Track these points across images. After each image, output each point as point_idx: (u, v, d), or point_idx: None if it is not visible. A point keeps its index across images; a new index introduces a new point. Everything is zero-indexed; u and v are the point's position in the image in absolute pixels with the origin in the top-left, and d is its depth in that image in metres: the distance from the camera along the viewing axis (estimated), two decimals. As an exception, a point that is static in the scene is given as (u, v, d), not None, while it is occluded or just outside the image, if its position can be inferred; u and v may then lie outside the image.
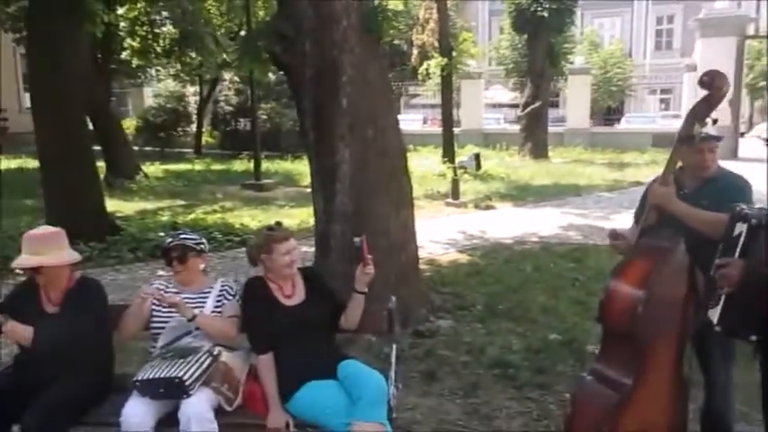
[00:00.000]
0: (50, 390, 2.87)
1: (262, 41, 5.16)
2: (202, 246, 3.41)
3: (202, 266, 3.43)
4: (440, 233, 8.95)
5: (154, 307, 3.17)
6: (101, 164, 14.43)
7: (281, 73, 5.88)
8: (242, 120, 22.71)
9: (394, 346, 3.33)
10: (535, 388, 4.04)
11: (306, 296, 3.20)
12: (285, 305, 3.12)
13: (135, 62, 22.18)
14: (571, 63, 24.71)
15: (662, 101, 38.04)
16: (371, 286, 3.23)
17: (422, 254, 7.31)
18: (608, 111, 35.00)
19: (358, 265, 3.15)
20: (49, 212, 7.77)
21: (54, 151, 7.81)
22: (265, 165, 17.02)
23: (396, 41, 26.74)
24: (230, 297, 3.29)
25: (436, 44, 17.85)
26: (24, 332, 2.89)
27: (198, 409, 2.81)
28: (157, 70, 26.64)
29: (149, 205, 11.82)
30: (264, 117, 21.21)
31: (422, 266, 6.66)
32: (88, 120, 13.73)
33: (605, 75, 33.45)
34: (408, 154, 6.06)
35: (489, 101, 29.16)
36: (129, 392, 2.92)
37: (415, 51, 19.84)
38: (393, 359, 3.24)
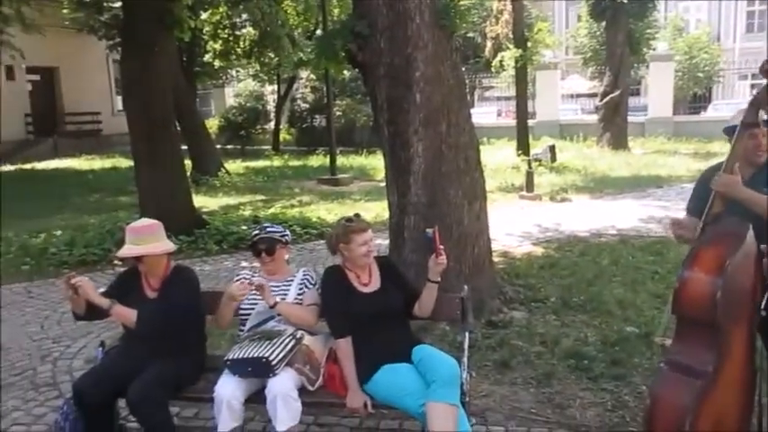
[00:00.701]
0: (151, 366, 3.16)
1: (337, 40, 5.35)
2: (287, 237, 3.64)
3: (287, 257, 3.66)
4: (514, 226, 8.92)
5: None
6: (187, 162, 15.25)
7: (356, 70, 6.05)
8: (318, 116, 23.24)
9: (467, 334, 3.44)
10: (610, 380, 4.04)
11: (381, 284, 3.35)
12: (362, 292, 3.29)
13: (217, 64, 23.15)
14: (653, 49, 23.75)
15: (753, 86, 35.98)
16: (444, 276, 3.36)
17: (496, 246, 7.35)
18: (694, 98, 33.39)
19: (430, 255, 3.27)
20: (143, 208, 8.30)
21: (146, 151, 8.34)
22: (340, 160, 17.37)
23: (469, 34, 26.56)
24: (311, 286, 3.49)
25: (510, 35, 17.63)
26: (128, 314, 3.21)
27: (283, 387, 3.02)
28: (238, 71, 27.69)
29: (232, 200, 12.36)
30: (339, 113, 21.63)
31: (495, 259, 6.70)
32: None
33: (691, 61, 31.90)
34: (482, 147, 6.11)
35: (566, 91, 28.46)
36: (220, 371, 3.18)
37: (488, 44, 19.63)
38: (465, 346, 3.35)
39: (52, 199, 12.68)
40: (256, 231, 3.62)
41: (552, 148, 15.29)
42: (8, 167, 19.35)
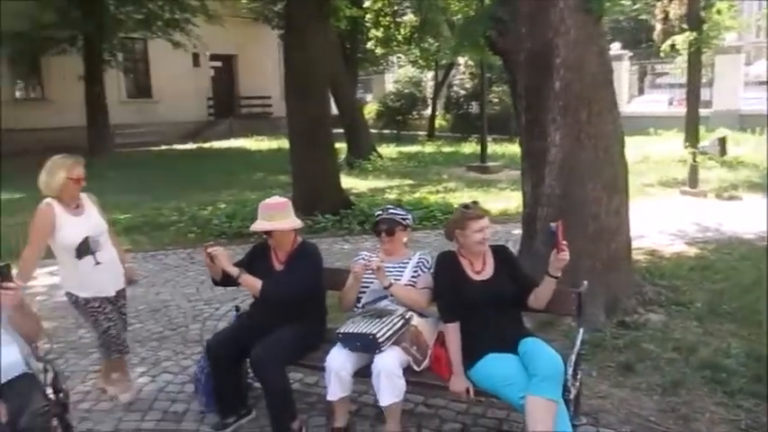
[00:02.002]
0: (273, 332, 3.43)
1: (478, 27, 5.31)
2: (408, 221, 3.73)
3: (405, 239, 3.75)
4: (669, 223, 8.30)
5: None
6: (342, 145, 15.97)
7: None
8: (473, 103, 23.09)
9: (581, 330, 3.33)
10: (749, 396, 3.68)
11: (495, 273, 3.34)
12: (473, 280, 3.30)
13: (378, 51, 23.86)
14: None
15: None
16: (575, 271, 3.24)
17: (643, 243, 6.94)
18: None
19: (553, 249, 3.19)
20: (295, 187, 8.88)
21: (301, 133, 8.89)
22: (493, 148, 17.18)
23: (642, 16, 24.80)
24: (426, 270, 3.56)
25: (684, 17, 16.20)
26: (254, 283, 3.50)
27: (388, 364, 3.14)
28: (398, 57, 28.29)
29: (381, 183, 12.75)
30: (496, 100, 21.34)
31: (640, 256, 6.32)
32: (333, 104, 15.24)
33: None
34: (647, 138, 5.75)
35: (751, 78, 25.58)
36: (333, 343, 3.37)
37: (657, 26, 18.13)
38: (578, 342, 3.24)
39: (223, 175, 13.95)
40: (379, 212, 3.76)
41: (722, 141, 13.87)
42: (191, 145, 21.55)
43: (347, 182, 12.25)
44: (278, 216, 3.57)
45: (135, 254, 7.35)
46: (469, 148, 18.87)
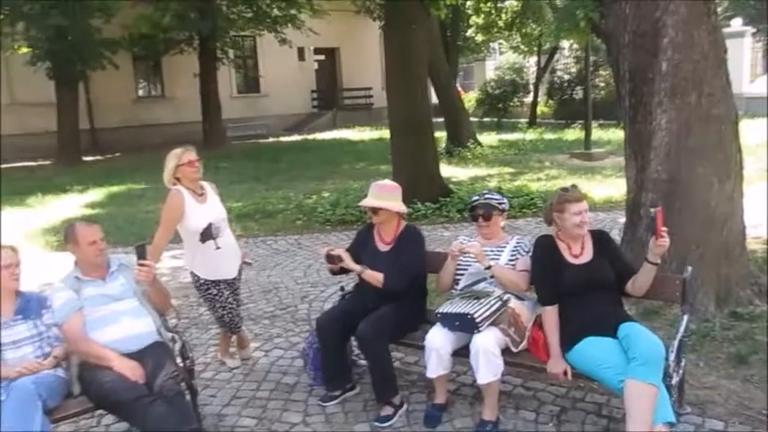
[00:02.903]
0: (377, 311, 3.61)
1: (579, 9, 5.23)
2: (504, 206, 3.80)
3: (502, 224, 3.82)
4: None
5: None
6: (442, 133, 16.02)
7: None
8: (578, 88, 22.36)
9: (685, 318, 3.27)
10: None
11: (593, 257, 3.34)
12: (571, 263, 3.32)
13: (479, 38, 23.60)
14: None
15: None
16: (684, 257, 3.18)
17: (761, 232, 6.53)
18: None
19: (653, 235, 3.16)
20: (395, 175, 9.03)
21: (401, 123, 9.06)
22: (598, 134, 16.62)
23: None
24: (524, 253, 3.62)
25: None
26: (377, 276, 3.69)
27: (486, 344, 3.23)
28: (500, 43, 27.84)
29: (480, 172, 12.72)
30: (602, 84, 20.57)
31: (756, 246, 5.98)
32: (433, 93, 15.32)
33: None
34: None
35: None
36: (433, 323, 3.50)
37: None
38: (681, 329, 3.19)
39: (327, 165, 14.43)
40: (476, 197, 3.85)
41: None
42: (296, 137, 22.37)
43: (447, 170, 12.33)
44: (387, 197, 3.78)
45: (246, 239, 7.84)
46: (573, 134, 18.35)
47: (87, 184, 13.30)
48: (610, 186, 9.85)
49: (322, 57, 27.56)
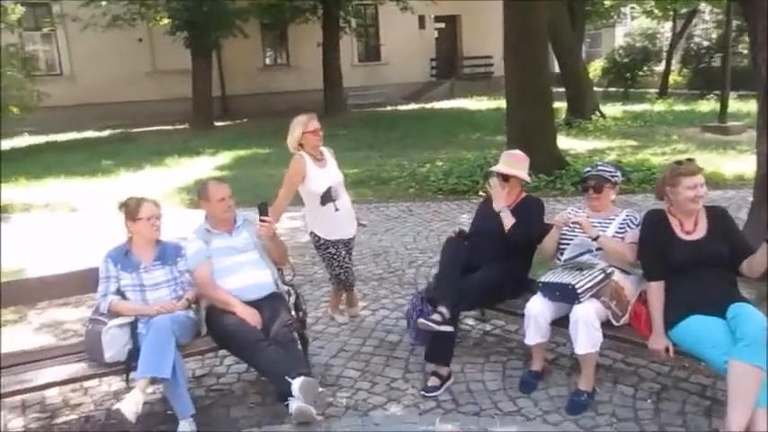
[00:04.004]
0: (482, 272, 3.71)
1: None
2: (616, 178, 3.75)
3: (613, 197, 3.77)
4: None
5: (564, 227, 3.70)
6: (563, 104, 15.52)
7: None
8: (717, 56, 20.71)
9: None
10: None
11: (707, 234, 3.23)
12: (682, 239, 3.23)
13: (609, 2, 22.39)
14: None
15: None
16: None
17: None
18: None
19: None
20: (510, 146, 8.96)
21: (517, 92, 8.94)
22: (737, 105, 15.40)
23: None
24: (633, 226, 3.56)
25: None
26: (511, 220, 3.82)
27: (586, 315, 3.25)
28: (632, 8, 26.25)
29: (600, 144, 12.25)
30: (744, 52, 18.89)
31: None
32: (555, 62, 14.83)
33: None
34: None
35: None
36: (534, 292, 3.56)
37: None
38: (797, 312, 3.03)
39: (442, 134, 14.48)
40: (588, 168, 3.83)
41: None
42: (413, 106, 22.52)
43: (565, 142, 12.00)
44: (518, 166, 3.92)
45: (360, 205, 8.11)
46: (708, 106, 17.12)
47: (218, 147, 14.25)
48: (743, 162, 9.17)
49: (442, 24, 27.35)
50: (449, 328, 3.54)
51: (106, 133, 18.07)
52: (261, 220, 3.67)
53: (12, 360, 3.55)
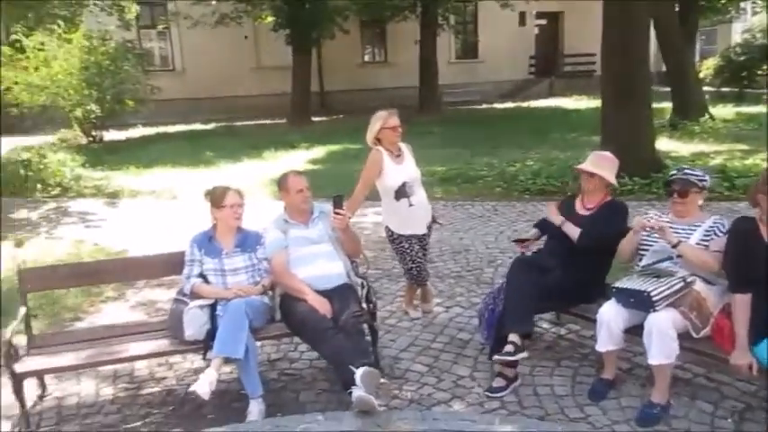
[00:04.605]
0: (558, 272, 3.63)
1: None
2: (704, 183, 3.55)
3: (700, 202, 3.57)
4: None
5: (642, 232, 3.54)
6: (668, 104, 14.76)
7: None
8: None
9: None
10: None
11: (800, 246, 3.00)
12: (772, 250, 3.02)
13: (725, -5, 20.97)
14: None
15: None
16: None
17: None
18: None
19: None
20: (604, 146, 8.62)
21: (613, 91, 8.59)
22: None
23: None
24: (720, 234, 3.35)
25: None
26: (557, 217, 3.86)
27: (661, 324, 3.11)
28: (753, 2, 24.48)
29: (706, 147, 11.53)
30: None
31: None
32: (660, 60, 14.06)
33: None
34: None
35: None
36: (608, 297, 3.44)
37: None
38: None
39: (536, 134, 14.16)
40: (674, 171, 3.66)
41: None
42: (509, 104, 22.15)
43: (666, 144, 11.44)
44: (604, 166, 3.82)
45: (445, 202, 8.15)
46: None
47: (312, 141, 14.66)
48: None
49: (543, 21, 26.68)
50: (524, 355, 3.50)
51: (211, 126, 19.01)
52: (335, 213, 3.77)
53: (106, 333, 3.86)
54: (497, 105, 22.05)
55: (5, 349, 3.29)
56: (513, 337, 3.49)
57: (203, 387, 3.16)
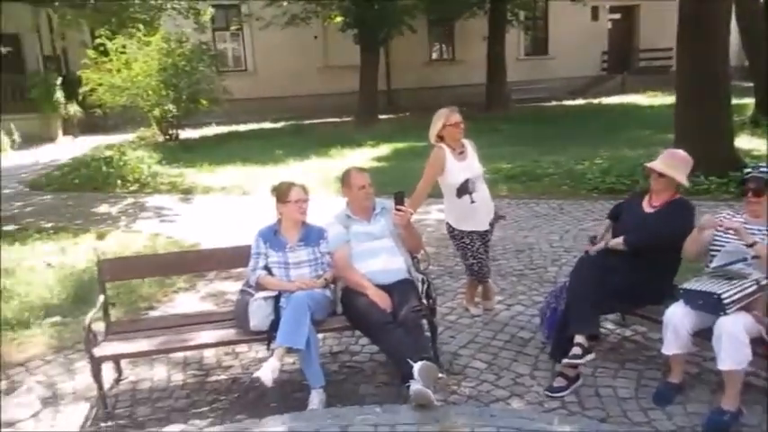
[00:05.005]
0: (623, 272, 3.55)
1: None
2: (782, 182, 3.38)
3: (779, 202, 3.41)
4: None
5: (715, 232, 3.41)
6: (751, 100, 14.02)
7: None
8: None
9: None
10: None
11: None
12: None
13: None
14: None
15: None
16: None
17: None
18: None
19: None
20: (678, 144, 8.31)
21: (689, 86, 8.25)
22: None
23: None
24: (800, 236, 3.20)
25: None
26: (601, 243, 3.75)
27: (732, 329, 2.99)
28: None
29: (791, 146, 10.90)
30: None
31: None
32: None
33: None
34: None
35: None
36: (676, 299, 3.33)
37: None
38: None
39: (606, 132, 13.76)
40: (749, 170, 3.51)
41: None
42: (579, 101, 21.59)
43: (748, 142, 10.90)
44: (676, 166, 3.72)
45: (509, 200, 8.06)
46: None
47: (378, 139, 14.77)
48: None
49: (618, 15, 25.84)
50: (591, 357, 3.44)
51: (280, 125, 19.45)
52: (396, 209, 3.82)
53: (178, 321, 4.05)
54: (567, 102, 21.55)
55: (86, 334, 3.51)
56: (579, 338, 3.44)
57: (266, 374, 3.26)
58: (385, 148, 13.72)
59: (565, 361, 3.44)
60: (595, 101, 21.23)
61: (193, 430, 3.39)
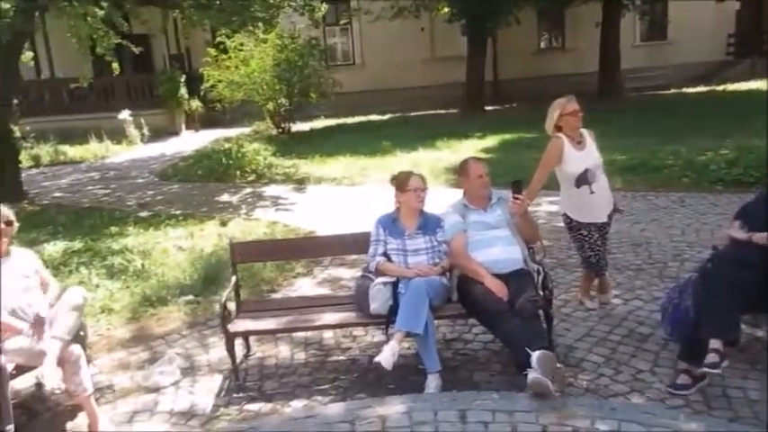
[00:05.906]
0: (758, 268, 3.40)
1: None
2: None
3: None
4: None
5: None
6: None
7: None
8: None
9: None
10: None
11: None
12: None
13: None
14: None
15: None
16: None
17: None
18: None
19: None
20: None
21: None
22: None
23: None
24: None
25: None
26: (742, 235, 3.63)
27: None
28: None
29: None
30: None
31: None
32: None
33: None
34: None
35: None
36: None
37: None
38: None
39: (732, 120, 12.86)
40: None
41: None
42: (701, 88, 20.28)
43: None
44: None
45: (625, 193, 7.76)
46: None
47: (485, 131, 14.63)
48: None
49: (748, -5, 23.99)
50: (726, 363, 3.29)
51: (386, 116, 19.72)
52: (514, 198, 3.83)
53: (300, 303, 4.30)
54: (687, 90, 20.30)
55: (221, 311, 3.81)
56: (715, 343, 3.25)
57: (387, 357, 3.40)
58: (492, 140, 13.59)
59: (706, 371, 3.28)
60: (719, 88, 19.87)
61: (317, 405, 3.60)
